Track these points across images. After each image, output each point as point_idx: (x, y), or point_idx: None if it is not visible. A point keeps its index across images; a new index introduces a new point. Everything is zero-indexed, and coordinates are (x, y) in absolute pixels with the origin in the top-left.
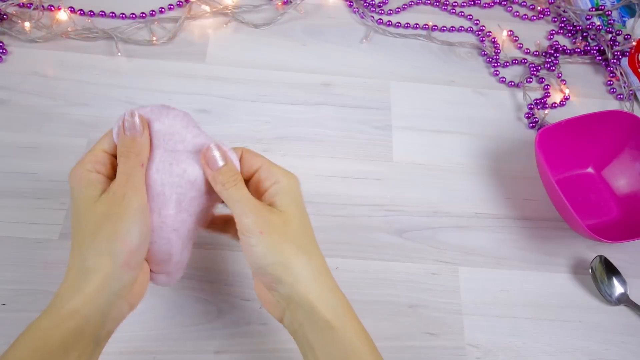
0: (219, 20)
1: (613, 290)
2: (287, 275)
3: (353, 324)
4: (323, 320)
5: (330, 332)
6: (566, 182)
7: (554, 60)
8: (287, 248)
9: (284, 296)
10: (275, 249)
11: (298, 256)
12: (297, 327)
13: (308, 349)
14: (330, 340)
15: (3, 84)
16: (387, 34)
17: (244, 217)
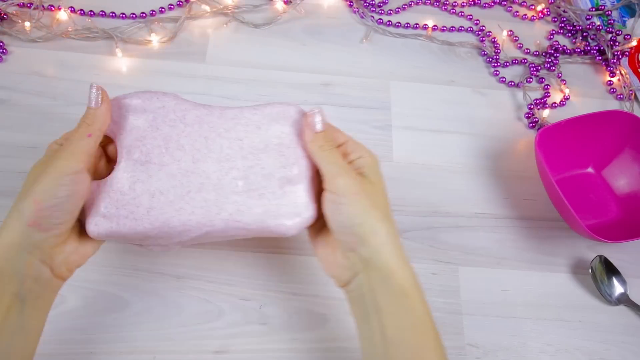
0: (219, 20)
1: (613, 290)
2: (373, 237)
3: (422, 296)
4: (398, 286)
5: (403, 299)
6: (566, 182)
7: (554, 60)
8: (376, 213)
9: (363, 258)
10: (365, 211)
11: (384, 222)
12: (367, 290)
13: (374, 313)
14: (401, 306)
15: (3, 84)
16: (387, 34)
17: (340, 178)
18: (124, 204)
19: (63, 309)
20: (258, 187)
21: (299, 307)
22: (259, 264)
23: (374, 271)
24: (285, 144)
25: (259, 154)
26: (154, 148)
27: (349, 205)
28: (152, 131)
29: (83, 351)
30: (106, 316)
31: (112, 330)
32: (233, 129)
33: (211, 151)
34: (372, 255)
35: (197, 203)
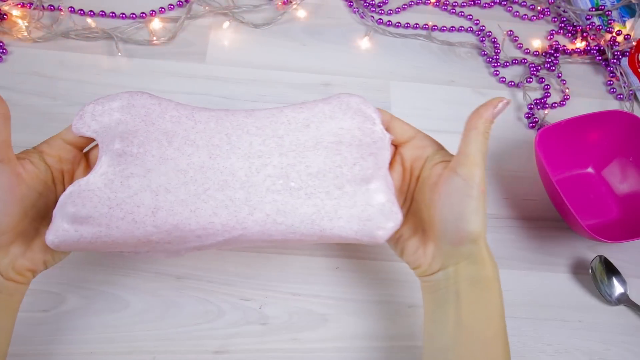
0: (219, 20)
1: (613, 290)
2: (483, 234)
3: (501, 289)
4: (486, 279)
5: (486, 291)
6: (566, 182)
7: (554, 60)
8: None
9: (468, 251)
10: (484, 210)
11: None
12: (452, 281)
13: (453, 301)
14: (482, 297)
15: (3, 84)
16: (387, 34)
17: (478, 169)
18: (119, 202)
19: (63, 309)
20: (304, 186)
21: (299, 307)
22: (259, 264)
23: (471, 265)
24: (345, 141)
25: (304, 152)
26: (150, 141)
27: (477, 199)
28: (146, 125)
29: (83, 351)
30: (106, 316)
31: (112, 330)
32: (269, 126)
33: (236, 147)
34: (477, 251)
35: (219, 202)
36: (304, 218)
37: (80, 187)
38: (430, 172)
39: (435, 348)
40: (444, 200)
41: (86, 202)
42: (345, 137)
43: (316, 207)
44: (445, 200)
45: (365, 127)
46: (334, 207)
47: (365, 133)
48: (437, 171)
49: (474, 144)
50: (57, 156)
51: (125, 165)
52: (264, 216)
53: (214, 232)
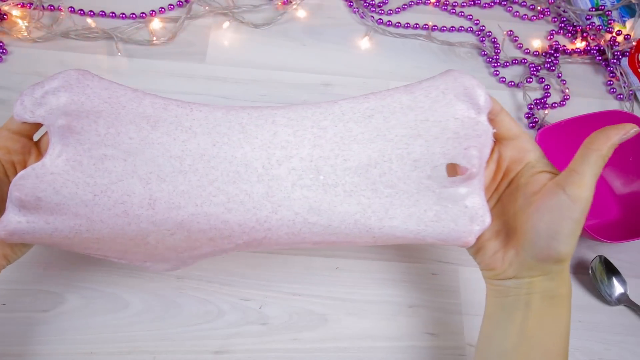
0: (219, 20)
1: (613, 290)
2: (570, 257)
3: (570, 308)
4: (559, 297)
5: (556, 308)
6: None
7: (554, 60)
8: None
9: (550, 269)
10: (579, 233)
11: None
12: (526, 292)
13: (522, 309)
14: (552, 313)
15: (3, 84)
16: (387, 34)
17: (589, 193)
18: (103, 189)
19: (63, 309)
20: (343, 183)
21: (299, 307)
22: (259, 264)
23: (548, 281)
24: (430, 133)
25: (350, 144)
26: (124, 124)
27: (578, 223)
28: (112, 107)
29: (83, 351)
30: (106, 316)
31: (112, 330)
32: (309, 117)
33: (252, 136)
34: (558, 271)
35: (231, 197)
36: (345, 217)
37: (35, 171)
38: (530, 180)
39: (493, 351)
40: (543, 214)
41: (55, 186)
42: (431, 128)
43: (361, 206)
44: (544, 215)
45: (468, 116)
46: (384, 205)
47: (465, 124)
48: (540, 180)
49: (592, 167)
50: (4, 148)
51: (89, 145)
52: (292, 214)
53: (229, 234)
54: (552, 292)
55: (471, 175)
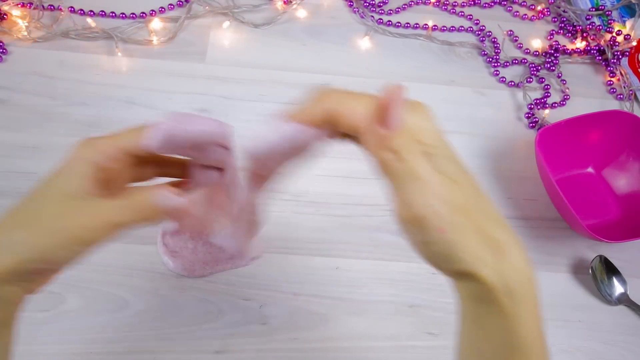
0: (219, 20)
1: (613, 290)
2: (483, 269)
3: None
4: (485, 296)
5: (483, 310)
6: (566, 182)
7: (554, 60)
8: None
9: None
10: (463, 243)
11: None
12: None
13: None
14: (480, 317)
15: (3, 84)
16: (387, 34)
17: (426, 205)
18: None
19: (63, 309)
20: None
21: (299, 307)
22: (259, 264)
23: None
24: None
25: None
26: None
27: (437, 244)
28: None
29: (83, 351)
30: (106, 316)
31: (112, 330)
32: None
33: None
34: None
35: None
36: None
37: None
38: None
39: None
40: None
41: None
42: None
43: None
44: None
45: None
46: None
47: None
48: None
49: (397, 178)
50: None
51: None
52: None
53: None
54: (474, 290)
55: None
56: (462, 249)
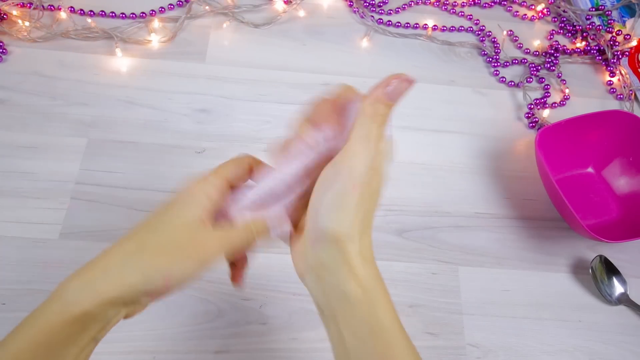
0: (219, 20)
1: (613, 290)
2: (339, 236)
3: (383, 298)
4: (354, 293)
5: (359, 305)
6: (566, 182)
7: (554, 60)
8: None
9: (330, 258)
10: (347, 202)
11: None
12: (321, 293)
13: (331, 320)
14: (356, 314)
15: (3, 84)
16: (387, 33)
17: (350, 157)
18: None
19: None
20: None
21: (299, 307)
22: (259, 264)
23: (331, 276)
24: None
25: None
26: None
27: (342, 194)
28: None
29: None
30: None
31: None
32: None
33: None
34: (337, 262)
35: None
36: None
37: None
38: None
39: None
40: (314, 193)
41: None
42: None
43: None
44: (314, 193)
45: None
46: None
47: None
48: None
49: (358, 130)
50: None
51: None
52: None
53: None
54: (341, 288)
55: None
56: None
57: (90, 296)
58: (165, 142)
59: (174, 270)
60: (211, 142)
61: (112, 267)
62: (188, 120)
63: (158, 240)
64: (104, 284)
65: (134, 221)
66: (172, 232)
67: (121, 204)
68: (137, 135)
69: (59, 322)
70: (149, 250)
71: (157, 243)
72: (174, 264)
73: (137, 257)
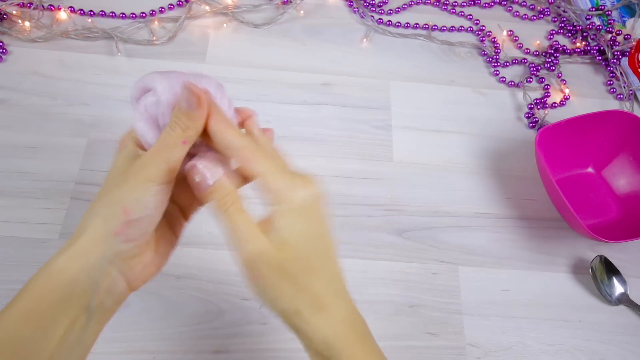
0: (219, 20)
1: (613, 290)
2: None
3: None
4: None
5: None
6: (566, 182)
7: (554, 60)
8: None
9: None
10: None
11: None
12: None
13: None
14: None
15: (3, 84)
16: (387, 33)
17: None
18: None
19: None
20: None
21: None
22: None
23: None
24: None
25: None
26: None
27: (254, 289)
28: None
29: None
30: None
31: (112, 330)
32: None
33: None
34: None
35: None
36: None
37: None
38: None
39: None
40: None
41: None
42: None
43: None
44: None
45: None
46: None
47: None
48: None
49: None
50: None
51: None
52: None
53: None
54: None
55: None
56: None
57: (69, 262)
58: None
59: (126, 198)
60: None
61: (81, 231)
62: None
63: (106, 187)
64: (75, 247)
65: None
66: (113, 172)
67: None
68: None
69: (44, 292)
70: (101, 196)
71: (106, 189)
72: (123, 192)
73: (95, 208)
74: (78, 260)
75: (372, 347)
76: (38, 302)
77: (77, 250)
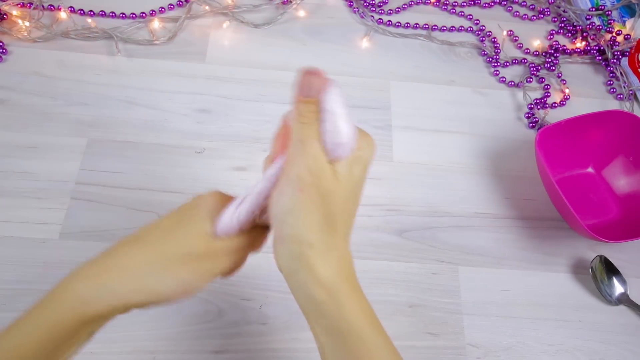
0: (219, 20)
1: (613, 290)
2: (307, 251)
3: (370, 328)
4: (333, 318)
5: (341, 336)
6: (566, 182)
7: (554, 60)
8: (317, 225)
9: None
10: (305, 223)
11: (324, 236)
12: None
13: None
14: (340, 344)
15: (3, 84)
16: (387, 33)
17: (294, 166)
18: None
19: None
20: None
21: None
22: (259, 264)
23: (292, 274)
24: None
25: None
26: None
27: (289, 204)
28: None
29: (83, 351)
30: None
31: (112, 330)
32: None
33: None
34: (291, 259)
35: None
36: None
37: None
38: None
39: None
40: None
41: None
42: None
43: None
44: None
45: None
46: None
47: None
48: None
49: (291, 136)
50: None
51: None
52: None
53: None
54: (306, 293)
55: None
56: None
57: (107, 298)
58: (165, 142)
59: (194, 282)
60: (211, 142)
61: (133, 273)
62: (188, 120)
63: (178, 251)
64: (124, 289)
65: (134, 221)
66: (190, 244)
67: (121, 204)
68: (137, 135)
69: (69, 321)
70: (171, 261)
71: (177, 254)
72: (195, 275)
73: (160, 266)
74: (116, 301)
75: (363, 297)
76: (60, 329)
77: (120, 290)
